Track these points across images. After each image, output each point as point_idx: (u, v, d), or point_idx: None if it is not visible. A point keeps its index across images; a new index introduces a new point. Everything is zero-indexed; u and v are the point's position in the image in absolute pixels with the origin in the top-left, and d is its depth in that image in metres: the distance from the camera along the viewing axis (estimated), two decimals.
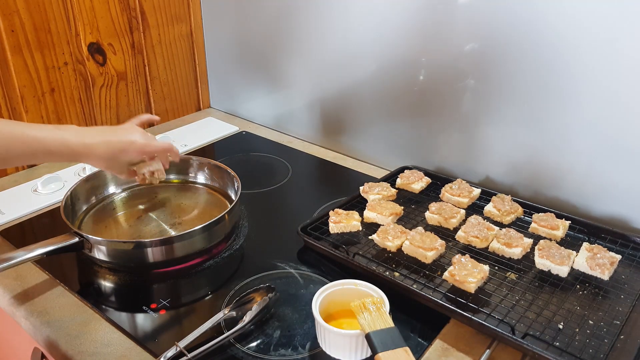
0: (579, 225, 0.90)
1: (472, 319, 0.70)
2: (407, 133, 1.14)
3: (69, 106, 1.23)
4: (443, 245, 0.84)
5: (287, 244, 0.92)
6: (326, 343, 0.69)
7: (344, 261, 0.84)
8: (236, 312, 0.74)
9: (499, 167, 1.03)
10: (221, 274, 0.86)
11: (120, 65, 1.31)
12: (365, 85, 1.16)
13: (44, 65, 1.16)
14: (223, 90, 1.52)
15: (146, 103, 1.40)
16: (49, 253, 0.79)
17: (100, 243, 0.82)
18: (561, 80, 0.89)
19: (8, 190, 1.09)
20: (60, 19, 1.16)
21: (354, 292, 0.72)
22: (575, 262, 0.80)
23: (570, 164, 0.94)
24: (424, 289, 0.77)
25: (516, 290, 0.78)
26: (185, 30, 1.42)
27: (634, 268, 0.82)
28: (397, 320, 0.66)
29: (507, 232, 0.86)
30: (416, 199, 1.03)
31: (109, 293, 0.83)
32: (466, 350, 0.70)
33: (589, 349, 0.67)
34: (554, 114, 0.92)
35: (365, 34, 1.12)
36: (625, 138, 0.86)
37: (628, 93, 0.84)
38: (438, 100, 1.06)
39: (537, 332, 0.69)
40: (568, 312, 0.74)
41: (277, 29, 1.28)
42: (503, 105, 0.98)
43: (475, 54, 0.98)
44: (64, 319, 0.76)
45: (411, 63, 1.07)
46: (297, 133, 1.36)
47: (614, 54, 0.83)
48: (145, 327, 0.75)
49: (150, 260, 0.84)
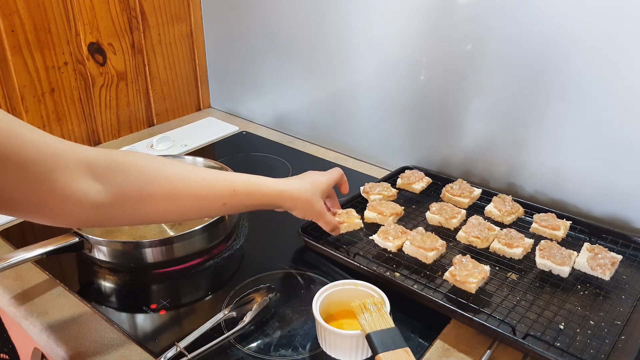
0: (580, 226, 0.90)
1: (472, 319, 0.70)
2: (407, 133, 1.14)
3: (69, 106, 1.23)
4: (444, 245, 0.83)
5: (287, 244, 0.92)
6: (326, 343, 0.68)
7: (344, 261, 0.84)
8: (236, 312, 0.74)
9: (499, 167, 1.03)
10: (221, 274, 0.86)
11: (120, 65, 1.31)
12: (366, 85, 1.16)
13: (44, 65, 1.16)
14: (223, 90, 1.52)
15: (146, 103, 1.40)
16: (49, 253, 0.79)
17: (100, 243, 0.82)
18: (562, 80, 0.89)
19: None
20: (60, 19, 1.16)
21: (354, 292, 0.72)
22: (576, 263, 0.80)
23: (571, 164, 0.93)
24: (424, 290, 0.77)
25: (517, 290, 0.78)
26: (185, 30, 1.42)
27: (635, 268, 0.82)
28: (398, 320, 0.66)
29: (508, 232, 0.85)
30: (417, 199, 1.03)
31: (109, 293, 0.83)
32: (467, 350, 0.70)
33: (590, 350, 0.67)
34: (554, 113, 0.92)
35: (365, 34, 1.11)
36: (626, 138, 0.86)
37: (629, 93, 0.83)
38: (438, 100, 1.06)
39: (538, 333, 0.69)
40: (569, 313, 0.73)
41: (277, 29, 1.28)
42: (503, 105, 0.98)
43: (476, 54, 0.97)
44: (64, 319, 0.76)
45: (411, 63, 1.07)
46: (297, 133, 1.36)
47: (615, 54, 0.83)
48: (145, 327, 0.75)
49: (150, 260, 0.83)
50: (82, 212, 0.57)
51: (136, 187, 0.62)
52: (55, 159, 0.53)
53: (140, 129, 1.41)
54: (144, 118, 1.41)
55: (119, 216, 0.62)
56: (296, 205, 0.80)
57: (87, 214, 0.58)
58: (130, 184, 0.61)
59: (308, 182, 0.81)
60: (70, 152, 0.55)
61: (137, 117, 1.39)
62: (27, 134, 0.51)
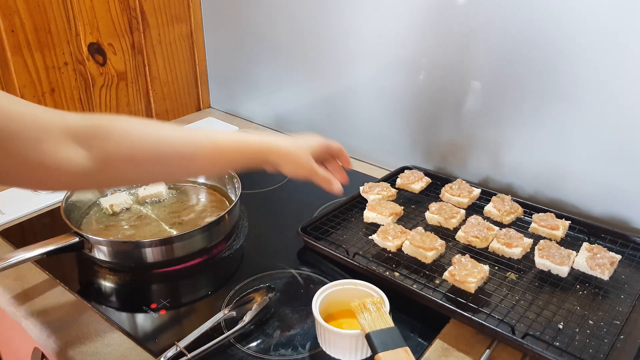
0: (579, 225, 0.90)
1: (472, 319, 0.70)
2: (407, 133, 1.14)
3: (69, 106, 1.23)
4: (443, 245, 0.84)
5: (287, 244, 0.92)
6: (326, 343, 0.69)
7: (344, 261, 0.84)
8: (236, 312, 0.74)
9: (499, 167, 1.03)
10: (221, 274, 0.86)
11: (121, 65, 1.31)
12: (365, 85, 1.16)
13: (44, 65, 1.16)
14: (223, 90, 1.52)
15: (146, 103, 1.40)
16: (49, 253, 0.79)
17: (101, 243, 0.82)
18: (562, 81, 0.89)
19: (8, 190, 1.08)
20: (60, 19, 1.16)
21: (354, 292, 0.72)
22: (575, 262, 0.80)
23: (570, 163, 0.94)
24: (424, 289, 0.77)
25: (516, 290, 0.78)
26: (185, 30, 1.42)
27: (634, 268, 0.82)
28: (397, 320, 0.66)
29: (507, 232, 0.85)
30: (416, 199, 1.03)
31: (109, 293, 0.83)
32: (466, 350, 0.70)
33: (589, 349, 0.67)
34: (554, 113, 0.92)
35: (365, 34, 1.12)
36: (625, 138, 0.86)
37: (629, 93, 0.84)
38: (438, 100, 1.06)
39: (537, 332, 0.69)
40: (568, 312, 0.73)
41: (277, 29, 1.28)
42: (503, 105, 0.98)
43: (476, 54, 0.98)
44: (64, 319, 0.76)
45: (411, 63, 1.07)
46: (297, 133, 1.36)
47: (615, 54, 0.83)
48: (145, 327, 0.75)
49: (150, 260, 0.84)
50: (69, 178, 0.58)
51: (120, 151, 0.62)
52: (40, 129, 0.54)
53: None
54: (144, 118, 1.41)
55: (106, 179, 0.63)
56: (284, 160, 0.75)
57: (74, 179, 0.59)
58: (114, 149, 0.61)
59: (297, 139, 0.78)
60: (54, 121, 0.56)
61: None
62: (12, 107, 0.52)
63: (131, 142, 0.63)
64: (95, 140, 0.59)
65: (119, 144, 0.61)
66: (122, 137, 0.62)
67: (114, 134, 0.61)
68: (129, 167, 0.63)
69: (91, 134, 0.59)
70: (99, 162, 0.60)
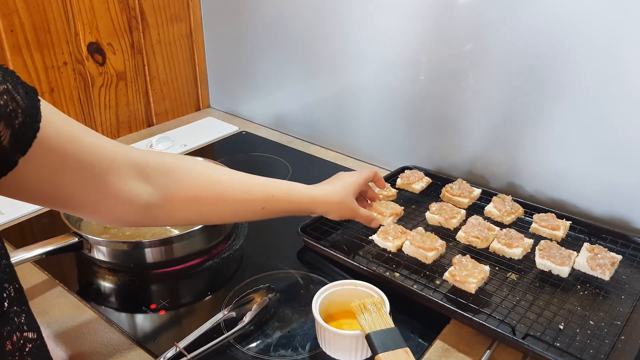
0: (579, 226, 0.90)
1: (472, 319, 0.70)
2: (407, 133, 1.14)
3: (68, 106, 1.23)
4: (443, 245, 0.83)
5: (287, 244, 0.92)
6: (326, 344, 0.68)
7: (344, 261, 0.84)
8: (236, 312, 0.74)
9: (499, 167, 1.03)
10: (221, 274, 0.86)
11: (120, 65, 1.31)
12: (366, 85, 1.16)
13: (43, 65, 1.16)
14: (223, 90, 1.52)
15: (146, 103, 1.40)
16: (49, 253, 0.79)
17: (100, 243, 0.82)
18: (561, 80, 0.89)
19: None
20: (59, 19, 1.15)
21: (354, 292, 0.72)
22: (576, 263, 0.80)
23: (571, 163, 0.93)
24: (424, 290, 0.77)
25: (517, 290, 0.78)
26: (185, 30, 1.42)
27: (635, 268, 0.82)
28: (398, 320, 0.66)
29: (507, 232, 0.85)
30: (416, 199, 1.03)
31: (109, 293, 0.83)
32: (467, 350, 0.70)
33: (589, 350, 0.67)
34: (554, 113, 0.92)
35: (365, 34, 1.11)
36: (626, 138, 0.86)
37: (629, 92, 0.83)
38: (438, 100, 1.06)
39: (537, 333, 0.69)
40: (569, 313, 0.73)
41: (277, 29, 1.27)
42: (503, 105, 0.98)
43: (476, 54, 0.97)
44: (64, 319, 0.76)
45: (411, 63, 1.07)
46: (297, 133, 1.36)
47: (615, 54, 0.83)
48: (144, 328, 0.75)
49: (150, 260, 0.83)
50: (132, 211, 0.61)
51: (183, 190, 0.65)
52: (110, 162, 0.56)
53: (139, 129, 1.41)
54: (144, 118, 1.41)
55: (165, 217, 0.65)
56: (330, 209, 0.82)
57: (136, 214, 0.61)
58: (178, 187, 0.64)
59: (339, 185, 0.83)
60: (125, 155, 0.59)
61: (136, 117, 1.39)
62: (85, 138, 0.54)
63: (193, 181, 0.66)
64: (161, 177, 0.63)
65: (182, 182, 0.65)
66: (187, 176, 0.66)
67: (179, 173, 0.65)
68: (188, 205, 0.66)
69: (158, 170, 0.63)
70: (161, 198, 0.63)
